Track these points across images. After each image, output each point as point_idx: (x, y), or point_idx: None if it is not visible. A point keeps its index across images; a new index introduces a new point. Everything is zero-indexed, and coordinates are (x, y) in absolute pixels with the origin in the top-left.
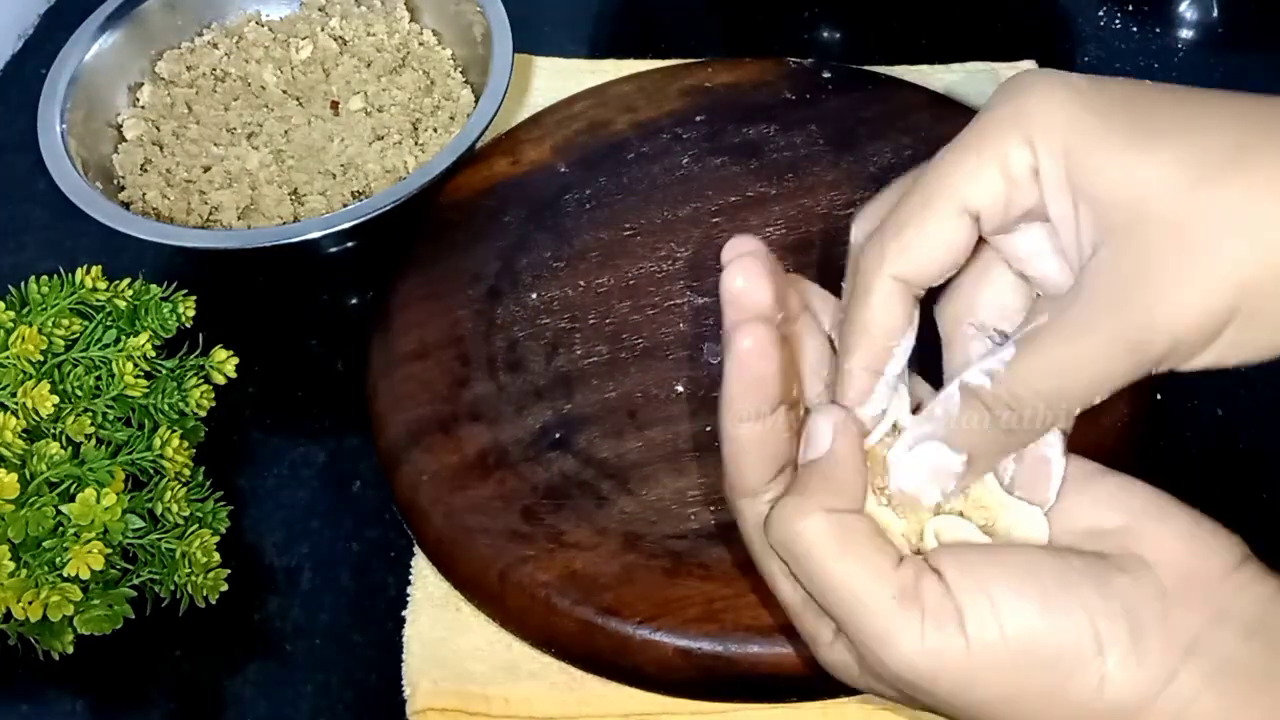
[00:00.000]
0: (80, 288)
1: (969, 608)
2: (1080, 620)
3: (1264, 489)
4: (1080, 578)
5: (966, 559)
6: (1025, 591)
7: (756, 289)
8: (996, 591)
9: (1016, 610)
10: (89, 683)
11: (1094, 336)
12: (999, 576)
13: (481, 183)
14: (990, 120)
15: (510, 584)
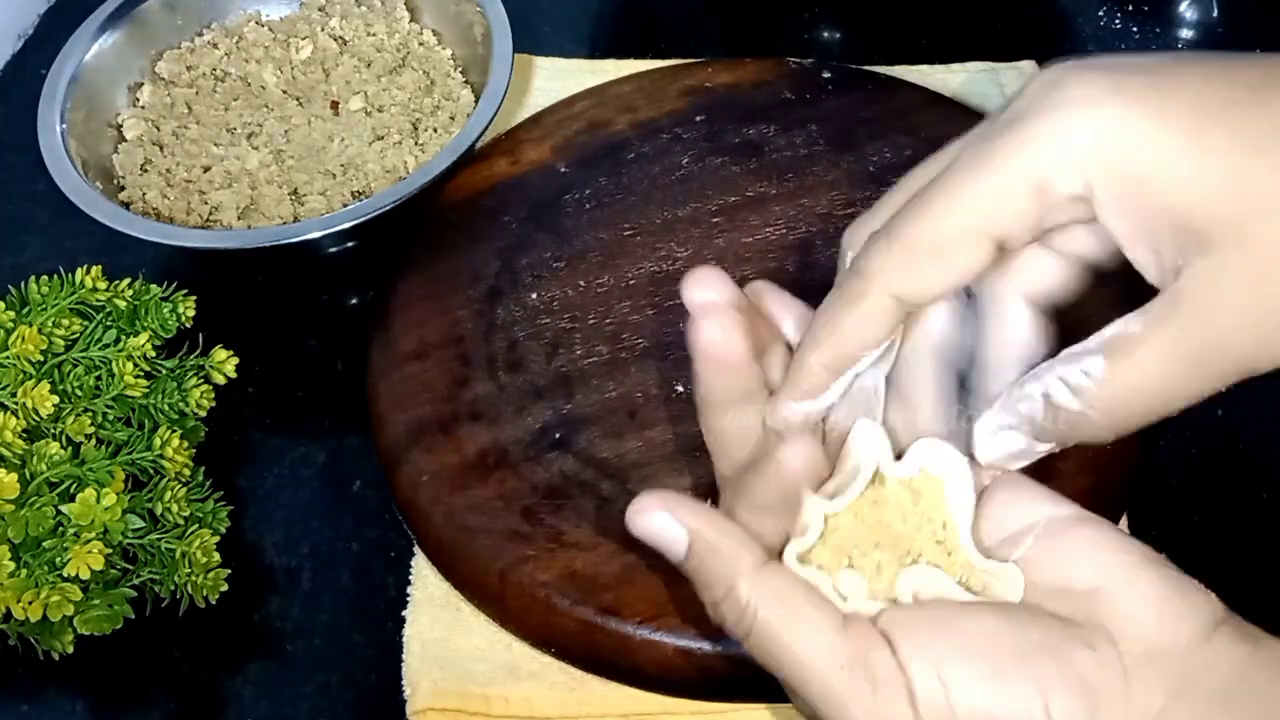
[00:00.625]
0: (80, 288)
1: (918, 680)
2: (1032, 697)
3: (1264, 489)
4: (1037, 651)
5: (917, 627)
6: (976, 664)
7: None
8: (946, 664)
9: (966, 685)
10: (89, 683)
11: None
12: (949, 648)
13: (481, 183)
14: (1026, 135)
15: (510, 584)
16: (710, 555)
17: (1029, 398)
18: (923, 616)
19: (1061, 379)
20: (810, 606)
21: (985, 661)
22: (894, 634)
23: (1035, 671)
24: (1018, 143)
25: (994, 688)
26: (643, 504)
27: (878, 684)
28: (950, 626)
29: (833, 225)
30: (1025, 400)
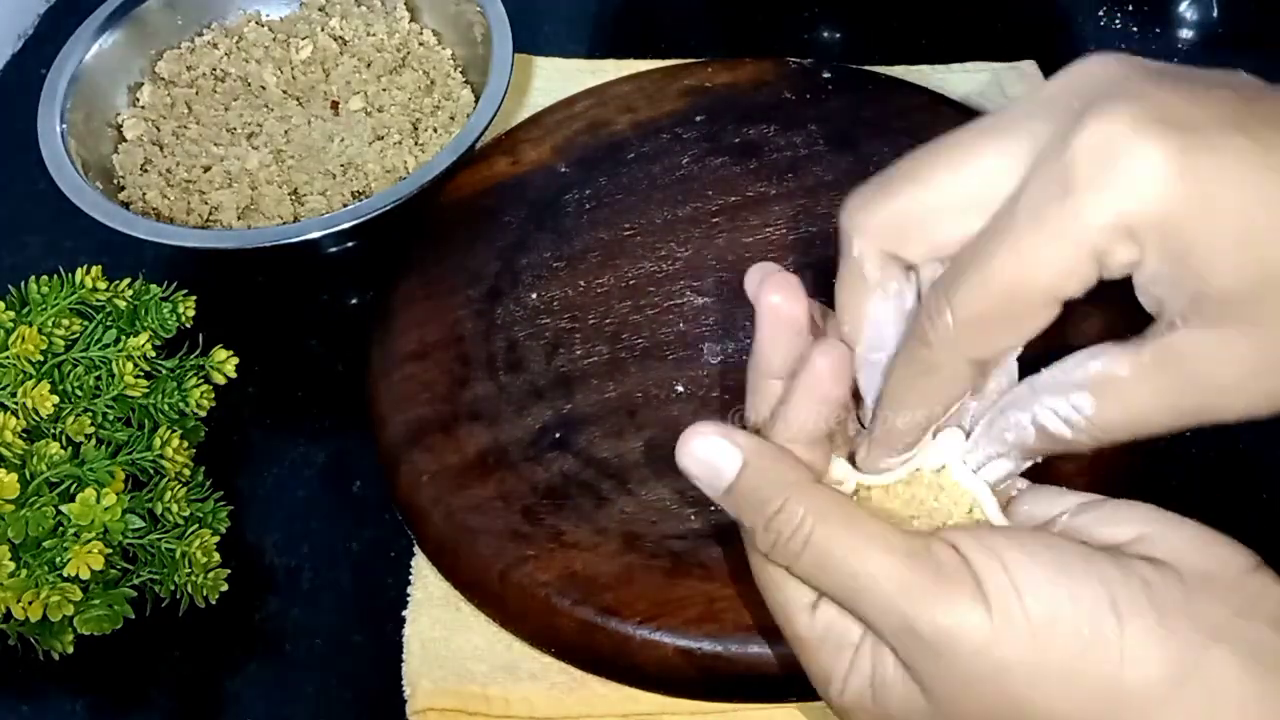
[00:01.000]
0: (80, 288)
1: (987, 579)
2: (1098, 590)
3: (1264, 489)
4: (1099, 556)
5: (978, 532)
6: (1041, 560)
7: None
8: (1011, 559)
9: (1032, 577)
10: (89, 683)
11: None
12: (1012, 547)
13: (481, 183)
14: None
15: (510, 584)
16: (764, 472)
17: (1018, 427)
18: (983, 529)
19: (1052, 410)
20: (865, 516)
21: (1049, 558)
22: (955, 538)
23: (1100, 571)
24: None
25: (1061, 586)
26: (696, 429)
27: (945, 578)
28: (1012, 535)
29: (833, 225)
30: (1014, 429)
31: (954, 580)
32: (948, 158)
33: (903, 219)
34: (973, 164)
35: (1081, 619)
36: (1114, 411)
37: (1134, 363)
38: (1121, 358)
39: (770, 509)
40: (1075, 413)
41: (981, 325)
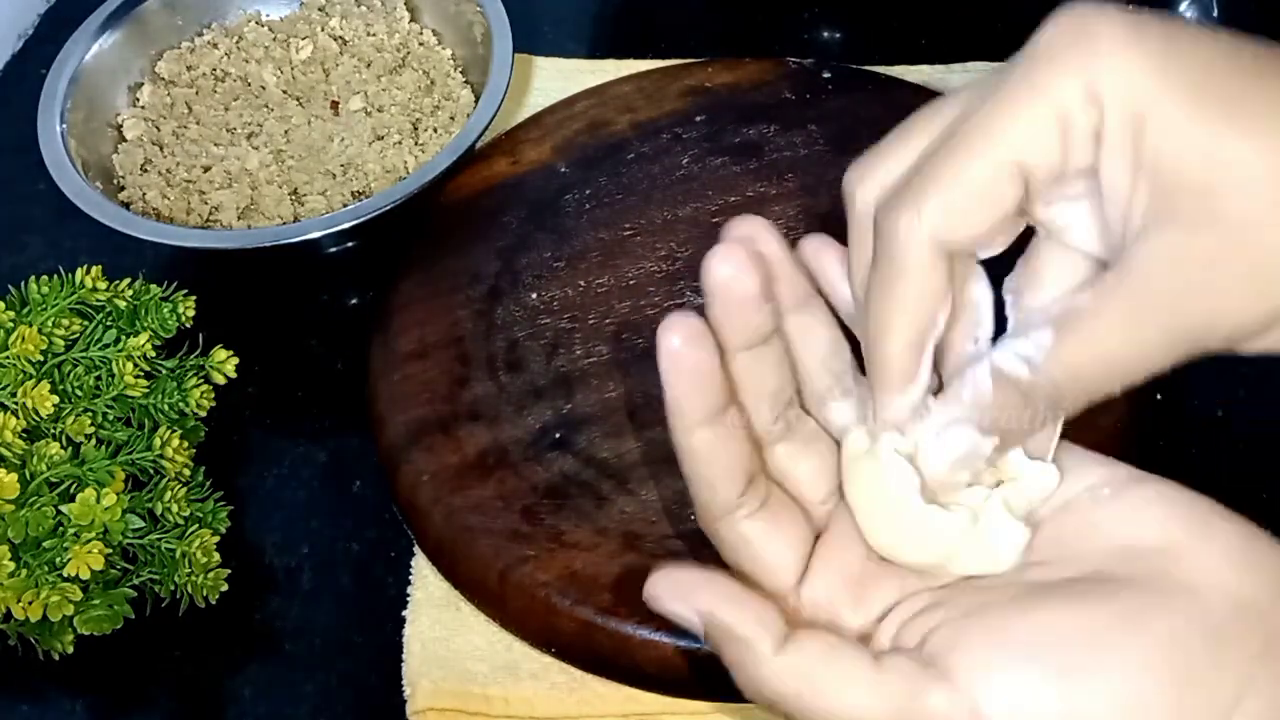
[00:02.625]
0: (80, 288)
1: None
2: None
3: (1264, 489)
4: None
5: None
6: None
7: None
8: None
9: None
10: (89, 683)
11: (1148, 330)
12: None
13: (481, 183)
14: (1049, 66)
15: (510, 584)
16: (726, 642)
17: (976, 380)
18: (975, 627)
19: (1011, 352)
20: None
21: (1056, 659)
22: (948, 658)
23: (1119, 654)
24: (1036, 70)
25: (1070, 686)
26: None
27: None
28: (1007, 630)
29: (833, 225)
30: (970, 384)
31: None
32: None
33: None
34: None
35: None
36: (1076, 344)
37: (1096, 287)
38: (1084, 290)
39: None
40: (1035, 350)
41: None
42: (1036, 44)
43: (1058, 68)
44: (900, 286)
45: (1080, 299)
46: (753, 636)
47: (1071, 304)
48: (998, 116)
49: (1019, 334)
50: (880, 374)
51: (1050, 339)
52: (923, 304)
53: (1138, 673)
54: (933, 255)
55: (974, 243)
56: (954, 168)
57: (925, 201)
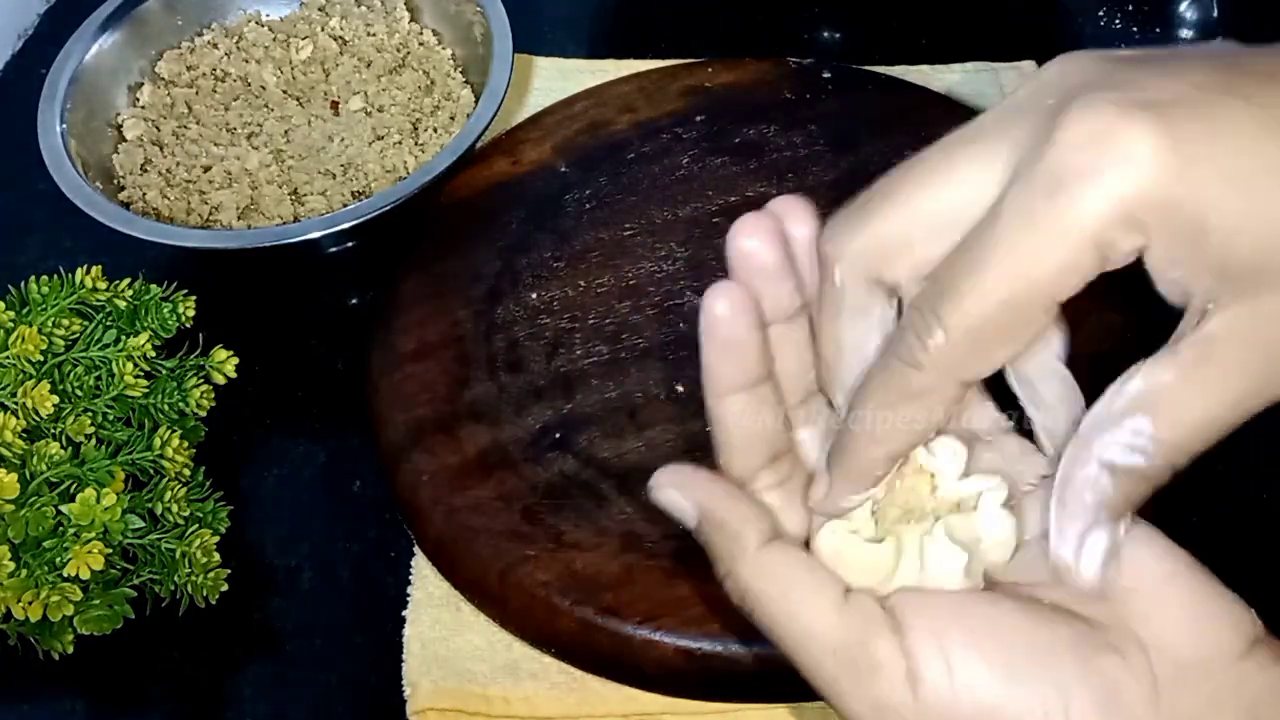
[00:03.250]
0: (80, 288)
1: (924, 667)
2: (1051, 697)
3: (1264, 489)
4: (1064, 650)
5: (931, 610)
6: (991, 656)
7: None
8: (957, 652)
9: (976, 676)
10: (89, 683)
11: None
12: (963, 634)
13: (481, 183)
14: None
15: (510, 584)
16: (715, 532)
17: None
18: (938, 600)
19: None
20: (807, 589)
21: (1003, 654)
22: (904, 615)
23: (1058, 671)
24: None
25: (1008, 683)
26: (658, 479)
27: (875, 667)
28: (967, 613)
29: None
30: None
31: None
32: (925, 174)
33: (883, 240)
34: (952, 177)
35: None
36: (1175, 424)
37: (1176, 366)
38: (1161, 366)
39: (721, 572)
40: (1139, 437)
41: (978, 340)
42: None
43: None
44: (910, 409)
45: (1161, 377)
46: (741, 530)
47: (1155, 385)
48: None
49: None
50: (851, 471)
51: (1148, 424)
52: (928, 427)
53: (1076, 696)
54: (955, 387)
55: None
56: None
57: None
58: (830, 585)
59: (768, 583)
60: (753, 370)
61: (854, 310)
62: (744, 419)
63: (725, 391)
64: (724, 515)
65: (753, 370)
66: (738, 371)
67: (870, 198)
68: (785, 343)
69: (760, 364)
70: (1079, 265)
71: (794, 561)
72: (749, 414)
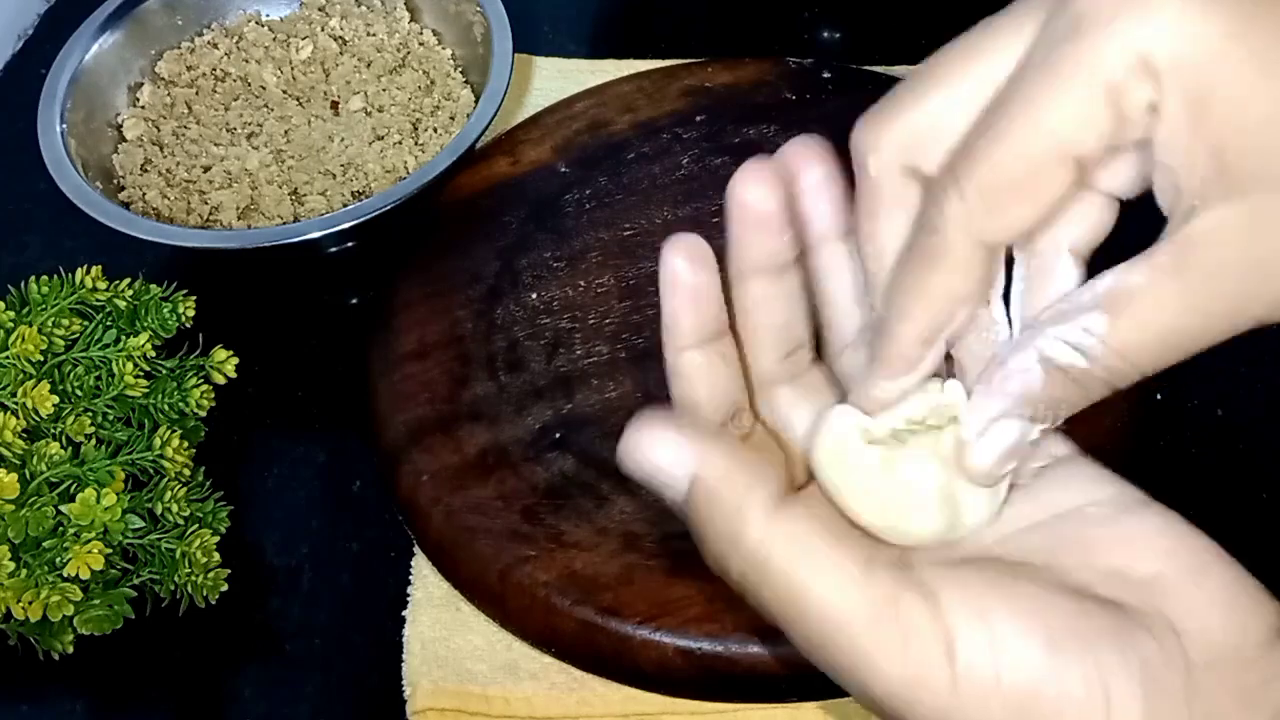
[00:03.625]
0: (80, 288)
1: (963, 637)
2: (1091, 673)
3: (1264, 489)
4: (1099, 627)
5: (967, 580)
6: (1032, 630)
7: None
8: (1000, 624)
9: (1019, 649)
10: (89, 683)
11: (1215, 304)
12: (1004, 607)
13: (481, 183)
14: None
15: (510, 584)
16: (713, 499)
17: (1022, 371)
18: (972, 571)
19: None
20: (829, 551)
21: (1043, 628)
22: (938, 584)
23: (1098, 651)
24: (1095, 47)
25: (1050, 660)
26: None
27: (910, 635)
28: (1004, 585)
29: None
30: (1018, 375)
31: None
32: (956, 57)
33: (917, 127)
34: (983, 56)
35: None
36: (1134, 328)
37: (1149, 266)
38: (1135, 266)
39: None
40: (1088, 336)
41: (995, 196)
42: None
43: (1106, 37)
44: (933, 281)
45: (1132, 278)
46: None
47: (1122, 284)
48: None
49: (1062, 318)
50: (885, 354)
51: (1104, 324)
52: (955, 299)
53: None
54: (976, 250)
55: (1020, 236)
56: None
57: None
58: (852, 552)
59: (783, 553)
60: (713, 322)
61: (890, 205)
62: (704, 372)
63: (686, 344)
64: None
65: (713, 322)
66: (699, 323)
67: (899, 92)
68: (775, 296)
69: (720, 317)
70: (1094, 116)
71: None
72: (709, 367)
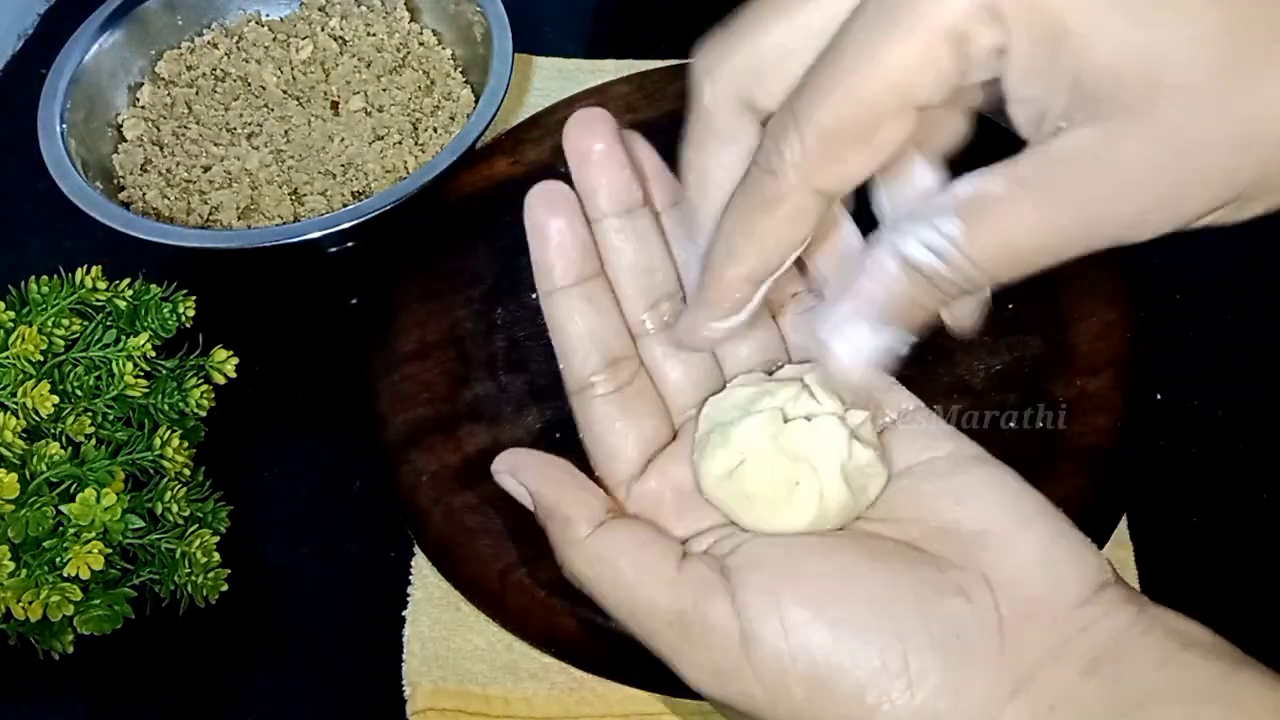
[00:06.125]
0: (80, 288)
1: (757, 627)
2: (889, 649)
3: (1264, 489)
4: (903, 596)
5: (765, 565)
6: (826, 612)
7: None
8: (790, 611)
9: (809, 634)
10: (89, 683)
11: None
12: (795, 592)
13: (481, 183)
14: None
15: (510, 584)
16: (548, 518)
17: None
18: (775, 553)
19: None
20: (640, 564)
21: (839, 607)
22: (738, 574)
23: (897, 620)
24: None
25: (844, 637)
26: (496, 464)
27: (708, 631)
28: (804, 567)
29: None
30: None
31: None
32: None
33: (755, 58)
34: None
35: (865, 680)
36: (989, 235)
37: (1009, 177)
38: (994, 175)
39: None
40: (943, 241)
41: (831, 141)
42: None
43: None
44: (765, 225)
45: (990, 186)
46: (571, 516)
47: (980, 190)
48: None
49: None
50: (711, 295)
51: (959, 229)
52: (788, 244)
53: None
54: (813, 198)
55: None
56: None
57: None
58: (664, 556)
59: (600, 565)
60: (579, 263)
61: (722, 137)
62: (575, 315)
63: (555, 286)
64: (554, 501)
65: (579, 263)
66: (566, 264)
67: (739, 19)
68: (627, 235)
69: (587, 258)
70: (936, 60)
71: (625, 540)
72: (579, 309)
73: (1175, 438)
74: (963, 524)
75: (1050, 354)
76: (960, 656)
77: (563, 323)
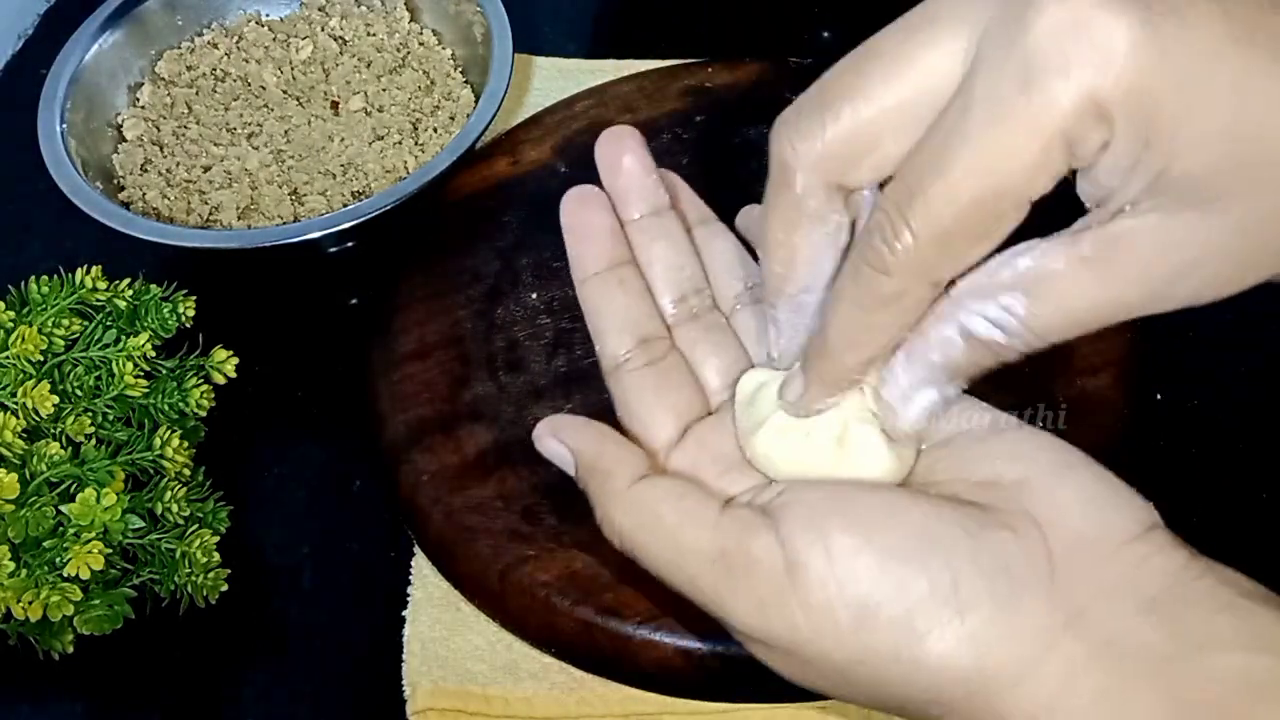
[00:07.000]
0: (80, 288)
1: (802, 555)
2: (937, 576)
3: (1264, 489)
4: (950, 528)
5: (809, 502)
6: (873, 541)
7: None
8: (835, 538)
9: (857, 560)
10: (89, 683)
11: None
12: (842, 521)
13: (481, 183)
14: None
15: (510, 584)
16: (590, 475)
17: (944, 343)
18: (819, 492)
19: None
20: (681, 511)
21: (886, 537)
22: (781, 511)
23: (946, 551)
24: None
25: (889, 564)
26: (539, 430)
27: (752, 564)
28: (848, 502)
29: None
30: (939, 347)
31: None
32: (884, 64)
33: (846, 143)
34: (913, 65)
35: (913, 606)
36: (1051, 310)
37: (1071, 256)
38: (1055, 251)
39: (598, 515)
40: (1006, 315)
41: (948, 241)
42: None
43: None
44: (883, 318)
45: (1051, 262)
46: (613, 469)
47: (1041, 267)
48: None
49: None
50: (829, 377)
51: (1023, 305)
52: (902, 329)
53: (961, 576)
54: (927, 290)
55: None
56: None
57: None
58: (705, 502)
59: (641, 512)
60: (610, 251)
61: (814, 219)
62: (607, 297)
63: (588, 274)
64: (596, 454)
65: (610, 251)
66: (598, 253)
67: (826, 95)
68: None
69: (617, 247)
70: (1049, 161)
71: (666, 488)
72: (611, 291)
73: (1175, 438)
74: (1003, 475)
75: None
76: (1010, 587)
77: (597, 304)
